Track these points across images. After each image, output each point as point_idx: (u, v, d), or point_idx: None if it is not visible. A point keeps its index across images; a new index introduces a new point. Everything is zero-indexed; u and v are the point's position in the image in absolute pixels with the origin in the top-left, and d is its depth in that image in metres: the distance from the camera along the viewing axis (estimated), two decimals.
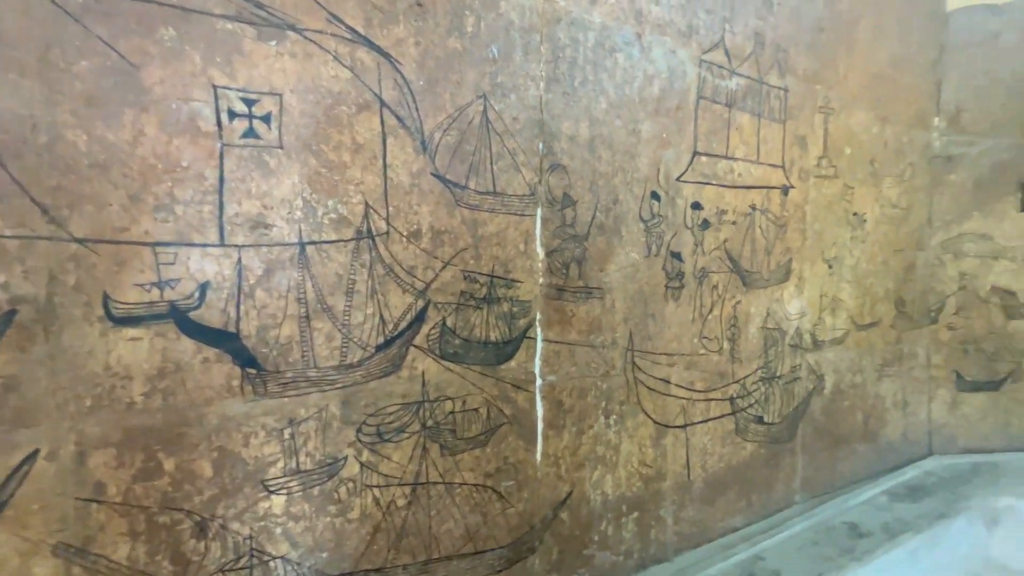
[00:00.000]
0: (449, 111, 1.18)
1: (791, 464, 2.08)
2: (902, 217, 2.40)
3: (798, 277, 2.01)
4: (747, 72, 1.74)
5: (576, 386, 1.46)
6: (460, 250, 1.22)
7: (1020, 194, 2.56)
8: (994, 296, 2.59)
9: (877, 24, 2.15)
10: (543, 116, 1.32)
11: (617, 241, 1.50)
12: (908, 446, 2.53)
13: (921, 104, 2.42)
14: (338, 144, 1.05)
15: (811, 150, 1.99)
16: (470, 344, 1.26)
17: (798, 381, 2.06)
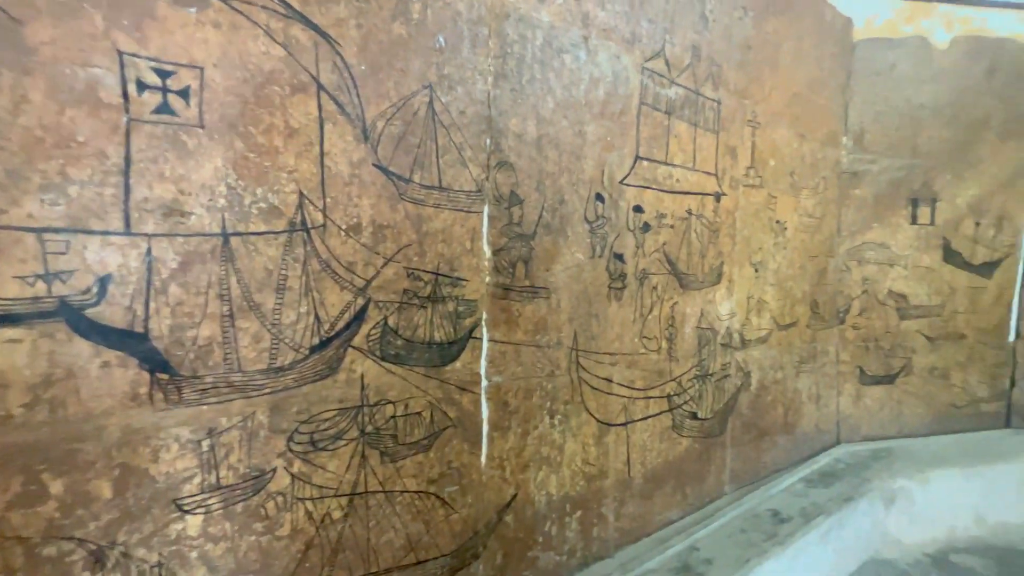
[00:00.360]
0: (393, 100, 1.12)
1: (721, 457, 2.19)
2: (816, 226, 2.62)
3: (728, 280, 2.13)
4: (685, 83, 1.82)
5: (522, 387, 1.45)
6: (403, 246, 1.17)
7: (910, 209, 2.89)
8: (890, 299, 2.90)
9: (797, 48, 2.34)
10: (491, 112, 1.29)
11: (563, 241, 1.50)
12: (820, 436, 2.76)
13: (832, 124, 2.66)
14: (269, 127, 0.96)
15: (740, 160, 2.12)
16: (413, 345, 1.21)
17: (728, 378, 2.18)
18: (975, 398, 3.07)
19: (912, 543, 2.46)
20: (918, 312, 2.94)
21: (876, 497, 2.37)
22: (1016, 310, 3.09)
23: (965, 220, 2.95)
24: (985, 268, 3.02)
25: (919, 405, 2.98)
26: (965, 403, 3.05)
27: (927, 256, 2.92)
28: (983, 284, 3.02)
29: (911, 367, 2.94)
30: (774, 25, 2.19)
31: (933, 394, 3.00)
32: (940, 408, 3.01)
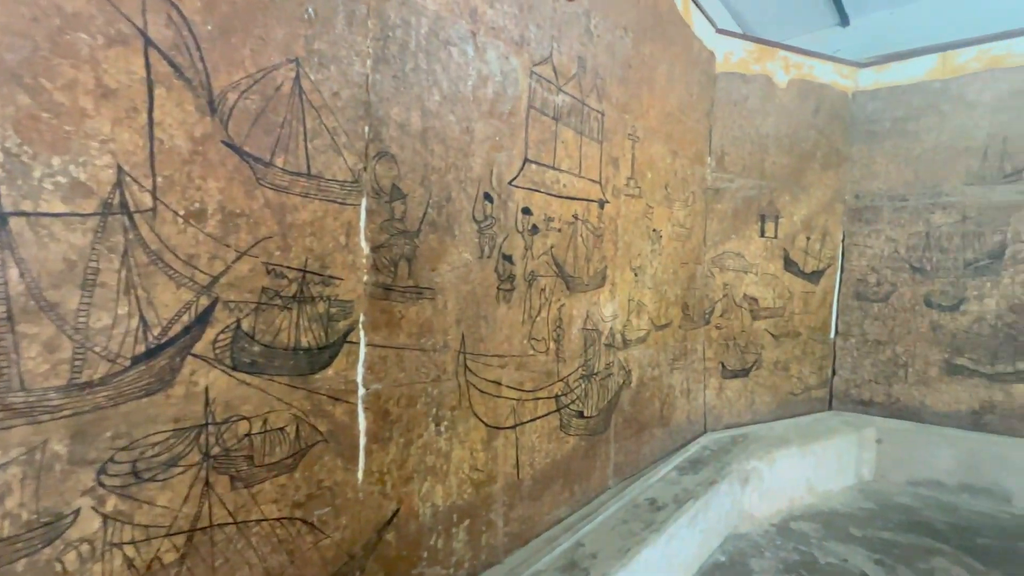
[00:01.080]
0: (249, 70, 0.98)
1: (606, 452, 2.29)
2: (687, 235, 2.88)
3: (611, 283, 2.24)
4: (571, 91, 1.88)
5: (404, 394, 1.36)
6: (262, 239, 1.02)
7: (759, 223, 3.32)
8: (745, 302, 3.30)
9: (670, 72, 2.56)
10: (370, 97, 1.20)
11: (450, 240, 1.45)
12: (691, 426, 3.04)
13: (699, 144, 2.96)
14: (71, 82, 0.77)
15: (622, 171, 2.25)
16: (274, 351, 1.06)
17: (611, 376, 2.29)
18: (807, 386, 3.61)
19: (762, 516, 2.80)
20: (766, 313, 3.38)
21: (734, 478, 2.65)
22: (836, 311, 3.71)
23: (799, 235, 3.48)
24: (814, 276, 3.58)
25: (767, 394, 3.43)
26: (800, 391, 3.58)
27: (772, 265, 3.38)
28: (813, 289, 3.58)
29: (761, 361, 3.38)
30: (651, 48, 2.37)
31: (777, 384, 3.47)
32: (782, 396, 3.50)
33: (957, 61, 3.30)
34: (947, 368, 3.35)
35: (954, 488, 3.13)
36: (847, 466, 3.25)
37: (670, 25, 2.54)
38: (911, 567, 2.34)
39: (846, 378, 3.69)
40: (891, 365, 3.53)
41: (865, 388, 3.63)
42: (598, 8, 1.98)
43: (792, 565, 2.34)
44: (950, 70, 3.32)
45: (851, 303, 3.66)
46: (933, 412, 3.39)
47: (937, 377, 3.39)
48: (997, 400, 3.21)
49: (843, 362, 3.69)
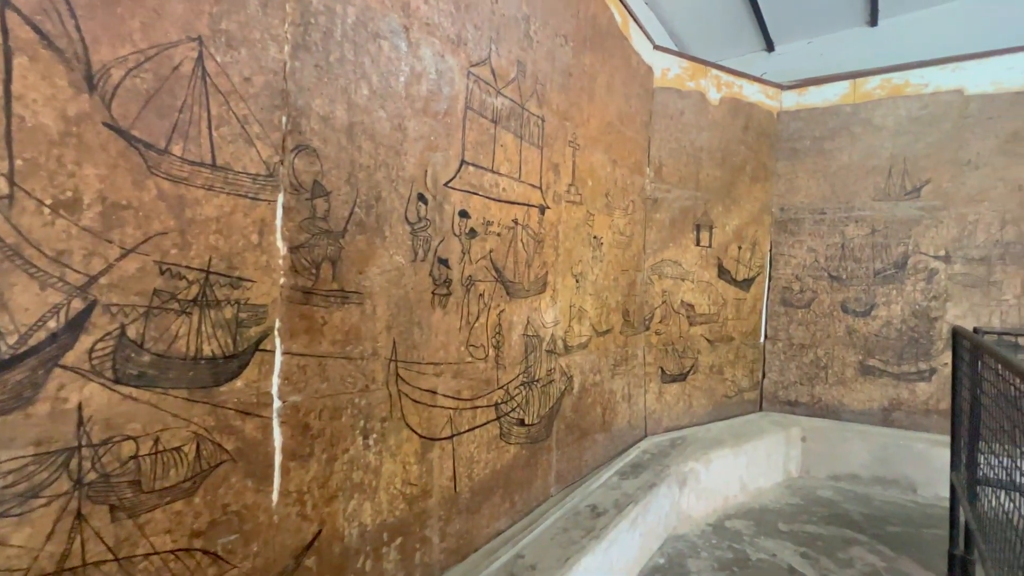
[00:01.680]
0: (140, 45, 0.87)
1: (547, 460, 2.27)
2: (627, 243, 2.95)
3: (553, 289, 2.24)
4: (511, 95, 1.86)
5: (328, 405, 1.26)
6: (155, 234, 0.91)
7: (695, 233, 3.46)
8: (682, 309, 3.41)
9: (610, 84, 2.62)
10: (288, 85, 1.11)
11: (380, 242, 1.37)
12: (631, 431, 3.08)
13: (638, 155, 3.04)
14: None
15: (563, 177, 2.26)
16: (170, 361, 0.94)
17: (553, 383, 2.28)
18: (740, 388, 3.78)
19: (699, 516, 2.88)
20: (702, 319, 3.52)
21: (673, 481, 2.71)
22: (765, 317, 3.92)
23: (731, 244, 3.65)
24: (745, 283, 3.77)
25: (703, 397, 3.55)
26: (734, 393, 3.74)
27: (707, 272, 3.53)
28: (744, 296, 3.77)
29: (698, 366, 3.50)
30: (591, 59, 2.41)
31: (713, 387, 3.61)
32: (717, 399, 3.64)
33: (865, 88, 3.62)
34: (861, 369, 3.62)
35: (869, 480, 3.36)
36: (776, 464, 3.42)
37: (610, 38, 2.60)
38: (832, 558, 2.47)
39: (775, 380, 3.90)
40: (814, 367, 3.78)
41: (791, 389, 3.85)
42: (537, 15, 1.99)
43: (726, 563, 2.40)
44: (860, 96, 3.64)
45: (778, 309, 3.89)
46: (850, 410, 3.65)
47: (853, 377, 3.65)
48: (904, 398, 3.51)
49: (772, 365, 3.91)
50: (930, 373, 3.43)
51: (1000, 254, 3.25)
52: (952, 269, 3.37)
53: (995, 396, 1.45)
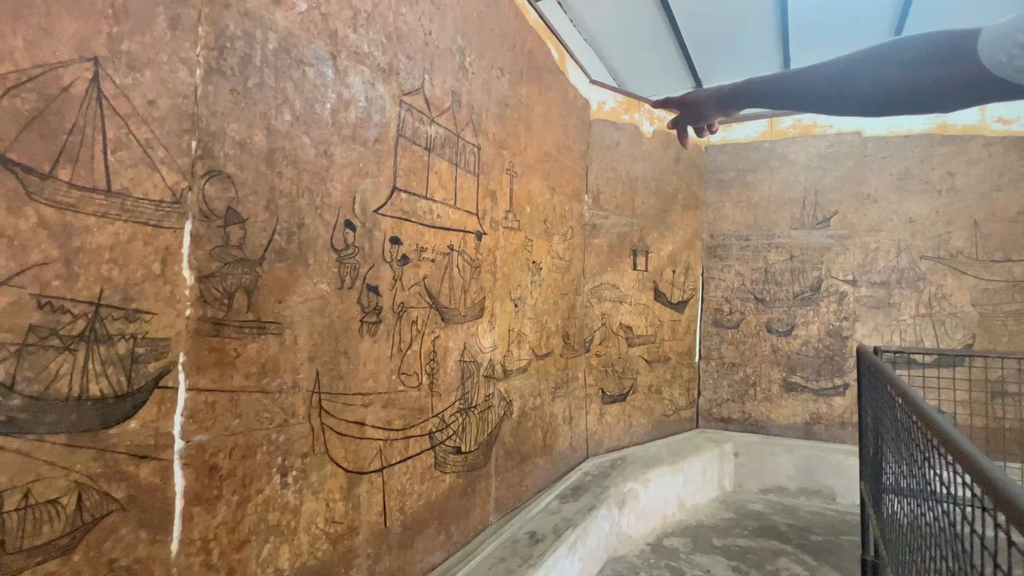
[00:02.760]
0: (21, 63, 0.82)
1: (486, 488, 2.24)
2: (566, 267, 3.02)
3: (491, 314, 2.25)
4: (446, 124, 1.89)
5: (240, 443, 1.19)
6: (32, 265, 0.83)
7: (632, 257, 3.61)
8: (621, 331, 3.52)
9: (547, 115, 2.72)
10: (199, 109, 1.07)
11: (302, 269, 1.33)
12: (573, 453, 3.11)
13: (577, 183, 3.16)
14: None
15: (500, 204, 2.30)
16: (47, 404, 0.86)
17: (491, 408, 2.27)
18: (678, 407, 3.92)
19: (638, 536, 2.92)
20: (640, 340, 3.64)
21: (612, 502, 2.75)
22: (699, 337, 4.11)
23: (666, 268, 3.83)
24: (680, 305, 3.95)
25: (643, 417, 3.65)
26: (672, 412, 3.87)
27: (644, 295, 3.67)
28: (679, 318, 3.94)
29: (637, 386, 3.60)
30: (527, 91, 2.50)
31: (651, 407, 3.72)
32: (656, 418, 3.75)
33: (780, 126, 3.97)
34: (785, 386, 3.86)
35: (795, 492, 3.56)
36: (711, 480, 3.55)
37: (547, 72, 2.71)
38: (761, 570, 2.57)
39: (709, 398, 4.08)
40: (744, 385, 3.99)
41: (724, 407, 4.04)
42: (473, 47, 2.05)
43: None
44: (776, 133, 3.98)
45: (711, 330, 4.09)
46: (777, 425, 3.87)
47: (778, 394, 3.88)
48: (822, 412, 3.76)
49: (706, 383, 4.09)
50: (844, 388, 3.71)
51: (897, 279, 3.61)
52: (859, 292, 3.70)
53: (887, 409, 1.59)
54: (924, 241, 3.55)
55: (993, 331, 3.36)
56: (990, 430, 3.08)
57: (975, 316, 3.41)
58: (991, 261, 3.39)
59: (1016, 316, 3.32)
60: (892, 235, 3.64)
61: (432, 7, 1.79)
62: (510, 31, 2.33)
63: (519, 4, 2.41)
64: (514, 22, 2.36)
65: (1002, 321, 3.34)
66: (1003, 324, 3.34)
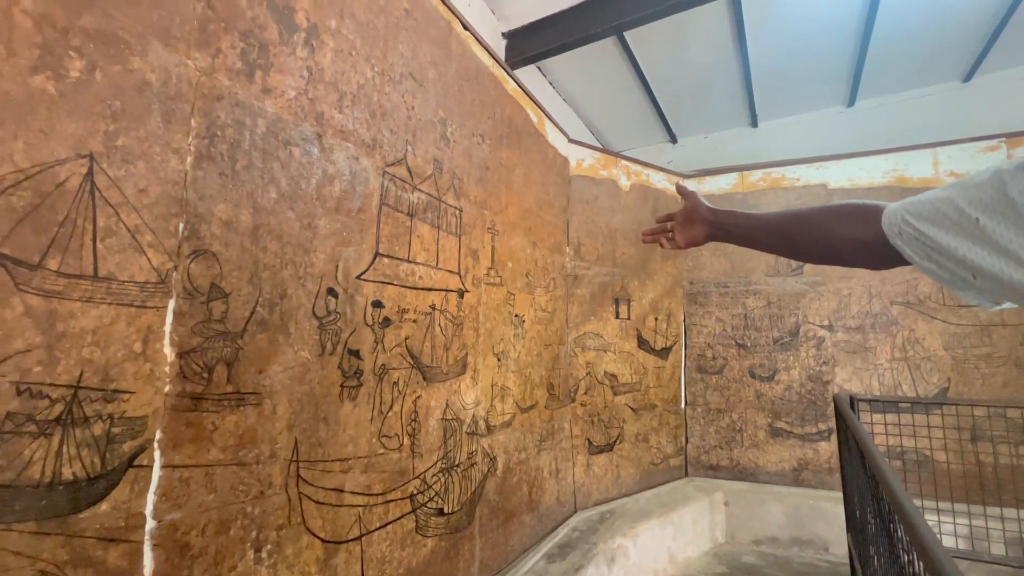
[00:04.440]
0: (21, 165, 0.87)
1: (470, 549, 2.18)
2: (549, 319, 3.07)
3: (473, 370, 2.27)
4: (428, 190, 1.98)
5: (214, 519, 1.18)
6: (15, 353, 0.86)
7: (615, 306, 3.68)
8: (606, 379, 3.54)
9: (527, 174, 2.85)
10: (188, 194, 1.13)
11: (284, 339, 1.36)
12: (560, 508, 3.05)
13: (558, 236, 3.26)
14: None
15: (482, 261, 2.37)
16: (16, 492, 0.86)
17: (475, 466, 2.24)
18: (666, 455, 3.89)
19: None
20: (625, 388, 3.66)
21: (601, 560, 2.68)
22: (684, 384, 4.14)
23: (649, 316, 3.91)
24: (663, 352, 4.00)
25: (631, 466, 3.61)
26: (660, 460, 3.84)
27: (627, 343, 3.72)
28: (663, 364, 3.98)
29: (624, 435, 3.59)
30: (507, 154, 2.63)
31: (639, 456, 3.69)
32: (644, 467, 3.71)
33: (751, 179, 4.18)
34: (771, 431, 3.87)
35: (787, 542, 3.49)
36: (702, 531, 3.48)
37: (526, 135, 2.87)
38: None
39: (697, 445, 4.06)
40: (730, 431, 3.99)
41: (712, 453, 4.02)
42: (454, 118, 2.17)
43: None
44: (747, 185, 4.18)
45: (695, 376, 4.13)
46: (765, 472, 3.85)
47: (765, 440, 3.88)
48: (809, 457, 3.76)
49: (693, 430, 4.08)
50: (828, 433, 3.73)
51: (871, 323, 3.72)
52: (836, 337, 3.79)
53: (856, 460, 1.62)
54: (893, 287, 3.69)
55: (966, 374, 3.45)
56: (969, 476, 3.11)
57: (948, 360, 3.50)
58: (957, 305, 3.52)
59: (987, 359, 3.42)
60: (863, 281, 3.78)
61: (415, 84, 1.92)
62: (489, 100, 2.48)
63: (498, 75, 2.58)
64: (493, 92, 2.52)
65: (974, 364, 3.44)
66: (975, 367, 3.43)
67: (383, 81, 1.75)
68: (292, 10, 1.41)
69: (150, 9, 1.07)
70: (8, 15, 0.87)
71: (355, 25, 1.63)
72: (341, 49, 1.57)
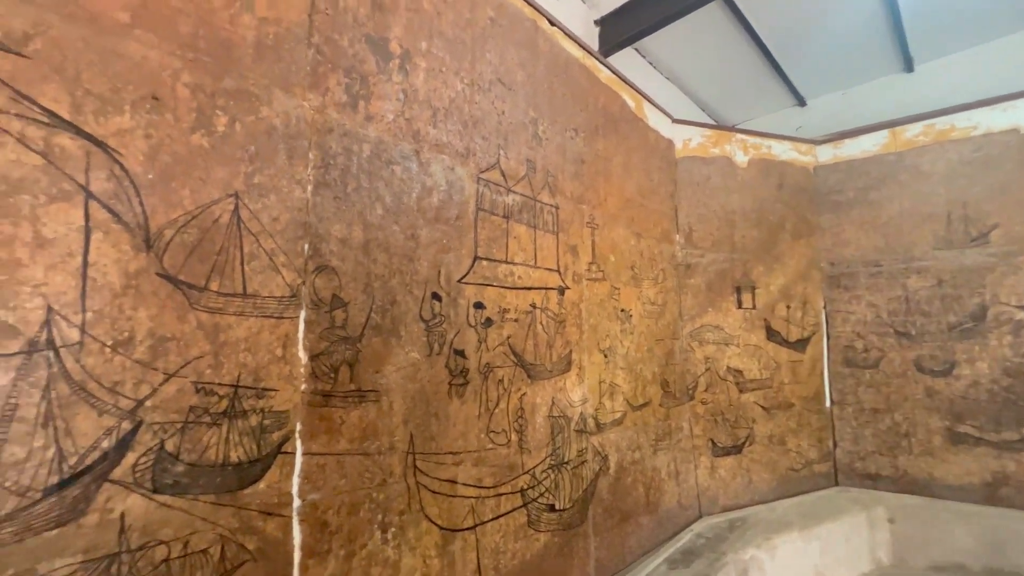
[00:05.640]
0: (188, 208, 1.09)
1: (585, 548, 2.17)
2: (659, 312, 2.92)
3: (579, 367, 2.25)
4: (522, 191, 2.01)
5: (346, 501, 1.34)
6: (192, 359, 1.07)
7: (736, 295, 3.36)
8: (729, 375, 3.25)
9: (626, 163, 2.74)
10: (310, 218, 1.30)
11: (395, 341, 1.49)
12: (683, 512, 2.88)
13: (665, 224, 3.08)
14: (10, 238, 0.86)
15: (582, 257, 2.34)
16: (200, 469, 1.07)
17: (585, 464, 2.23)
18: (808, 460, 3.45)
19: None
20: (753, 385, 3.32)
21: (731, 571, 2.47)
22: (828, 380, 3.62)
23: (778, 304, 3.49)
24: (800, 344, 3.55)
25: (764, 471, 3.27)
26: (801, 466, 3.41)
27: (754, 336, 3.37)
28: (800, 358, 3.53)
29: (754, 436, 3.26)
30: (603, 144, 2.56)
31: (775, 460, 3.32)
32: (782, 473, 3.33)
33: (906, 136, 3.49)
34: (950, 436, 3.20)
35: (980, 573, 2.86)
36: (860, 550, 3.02)
37: (623, 123, 2.75)
38: None
39: (848, 450, 3.52)
40: (892, 435, 3.39)
41: (870, 460, 3.45)
42: (544, 116, 2.18)
43: None
44: (901, 143, 3.51)
45: (842, 370, 3.59)
46: (944, 485, 3.20)
47: (942, 446, 3.23)
48: (1010, 471, 3.03)
49: (843, 433, 3.55)
50: None
51: None
52: None
53: None
54: None
55: None
56: None
57: None
58: None
59: None
60: None
61: (503, 89, 1.96)
62: (581, 92, 2.43)
63: (590, 65, 2.52)
64: (585, 83, 2.46)
65: None
66: None
67: (473, 91, 1.82)
68: (386, 40, 1.54)
69: (273, 63, 1.26)
70: (174, 89, 1.08)
71: (443, 43, 1.72)
72: (432, 68, 1.67)
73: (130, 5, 1.03)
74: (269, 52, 1.25)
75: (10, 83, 0.87)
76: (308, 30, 1.33)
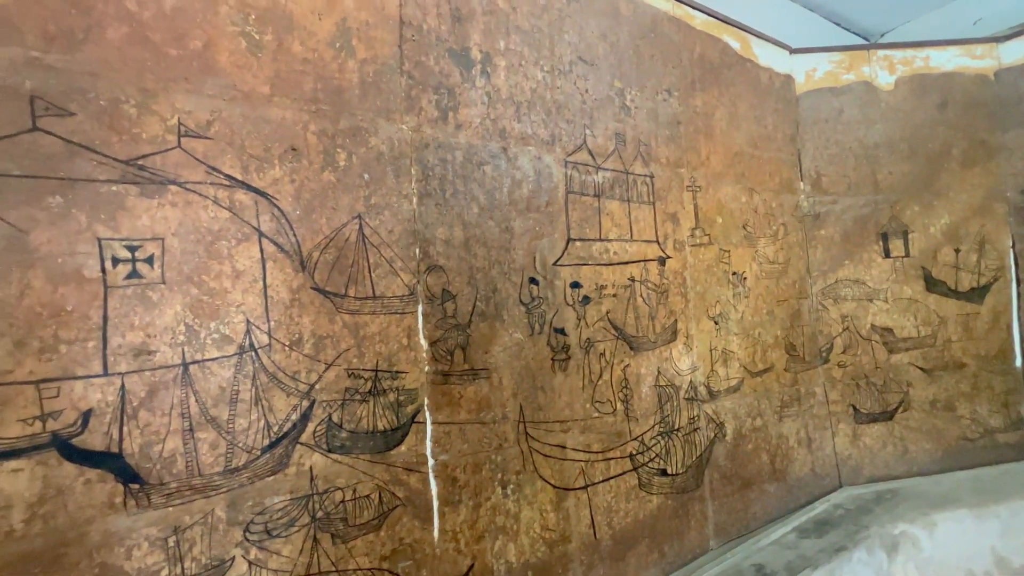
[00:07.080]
0: (326, 232, 1.36)
1: (701, 511, 2.21)
2: (781, 271, 2.69)
3: (685, 336, 2.23)
4: (612, 166, 2.02)
5: (470, 462, 1.59)
6: (343, 351, 1.37)
7: (882, 243, 2.93)
8: (874, 334, 2.89)
9: (731, 113, 2.53)
10: (417, 226, 1.52)
11: (500, 325, 1.68)
12: (818, 480, 2.71)
13: (785, 173, 2.79)
14: (219, 273, 1.20)
15: (683, 223, 2.27)
16: (357, 435, 1.39)
17: (698, 431, 2.24)
18: (989, 429, 2.95)
19: None
20: (908, 344, 2.91)
21: (875, 545, 2.30)
22: (1018, 333, 3.00)
23: (942, 248, 2.96)
24: (975, 294, 2.98)
25: (926, 440, 2.89)
26: (978, 435, 2.93)
27: (907, 287, 2.92)
28: (976, 310, 2.97)
29: (909, 401, 2.88)
30: (702, 99, 2.40)
31: (940, 428, 2.90)
32: (950, 442, 2.91)
33: None
34: None
35: None
36: None
37: (725, 69, 2.53)
38: None
39: None
40: None
41: None
42: (632, 84, 2.12)
43: None
44: None
45: None
46: None
47: None
48: None
49: None
50: None
51: None
52: None
53: None
54: None
55: None
56: None
57: None
58: None
59: None
60: None
61: (585, 67, 1.96)
62: (673, 48, 2.30)
63: (680, 15, 2.35)
64: (677, 37, 2.32)
65: None
66: None
67: (553, 77, 1.87)
68: (467, 49, 1.66)
69: (375, 98, 1.47)
70: (305, 139, 1.35)
71: (521, 36, 1.79)
72: (511, 64, 1.76)
73: (269, 78, 1.30)
74: (371, 88, 1.46)
75: (204, 160, 1.19)
76: (399, 60, 1.51)
